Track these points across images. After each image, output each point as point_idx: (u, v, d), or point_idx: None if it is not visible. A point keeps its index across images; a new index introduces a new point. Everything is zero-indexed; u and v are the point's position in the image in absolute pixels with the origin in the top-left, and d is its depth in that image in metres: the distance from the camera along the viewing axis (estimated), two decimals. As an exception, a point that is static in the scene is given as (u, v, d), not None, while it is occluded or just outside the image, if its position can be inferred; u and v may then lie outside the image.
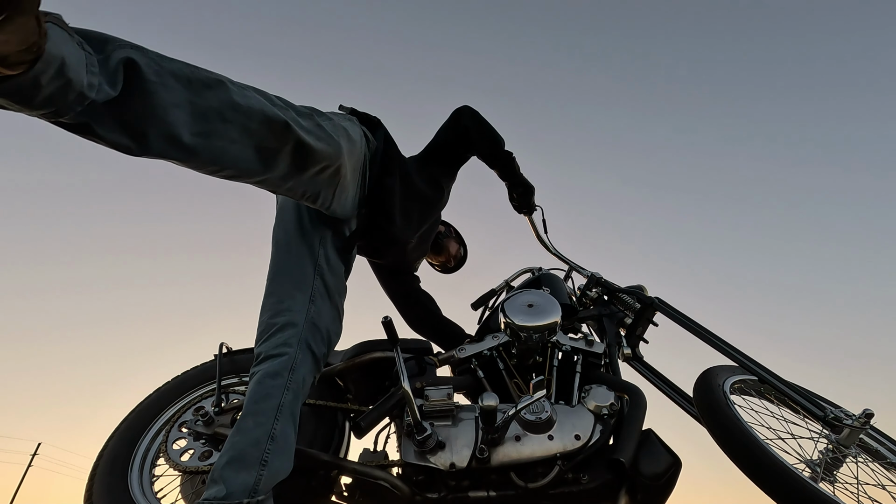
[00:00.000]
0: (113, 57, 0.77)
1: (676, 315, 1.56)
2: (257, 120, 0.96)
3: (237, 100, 0.93)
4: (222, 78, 0.94)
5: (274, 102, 1.01)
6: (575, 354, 1.44)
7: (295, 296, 1.22)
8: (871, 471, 1.24)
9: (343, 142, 1.18)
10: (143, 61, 0.81)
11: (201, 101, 0.88)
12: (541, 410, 1.19)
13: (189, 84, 0.87)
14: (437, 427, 1.21)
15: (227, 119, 0.92)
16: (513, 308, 1.45)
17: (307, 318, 1.20)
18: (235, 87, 0.95)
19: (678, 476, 1.11)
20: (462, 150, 1.66)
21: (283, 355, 1.13)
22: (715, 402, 1.22)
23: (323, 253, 1.27)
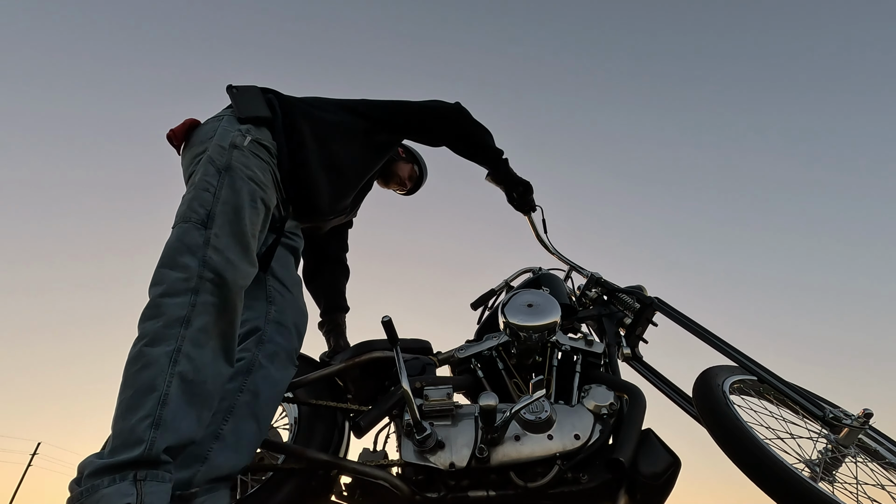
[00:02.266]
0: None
1: (676, 315, 1.56)
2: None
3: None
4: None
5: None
6: (574, 354, 1.44)
7: (253, 304, 1.29)
8: (871, 471, 1.24)
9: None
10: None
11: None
12: (540, 410, 1.19)
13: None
14: (437, 427, 1.21)
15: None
16: (512, 308, 1.46)
17: (268, 320, 1.27)
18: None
19: (678, 476, 1.11)
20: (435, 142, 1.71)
21: (240, 360, 1.20)
22: (714, 402, 1.22)
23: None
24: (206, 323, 1.05)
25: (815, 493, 0.99)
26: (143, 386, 0.97)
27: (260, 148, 1.31)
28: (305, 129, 1.42)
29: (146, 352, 1.00)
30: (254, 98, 1.40)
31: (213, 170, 1.22)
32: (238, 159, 1.25)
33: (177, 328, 1.03)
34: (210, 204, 1.17)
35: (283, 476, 1.25)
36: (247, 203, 1.21)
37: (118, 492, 0.87)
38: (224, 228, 1.15)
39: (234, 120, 1.34)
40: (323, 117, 1.50)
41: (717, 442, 1.16)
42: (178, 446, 0.97)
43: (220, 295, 1.09)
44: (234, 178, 1.22)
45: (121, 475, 0.89)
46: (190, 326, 1.04)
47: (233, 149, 1.26)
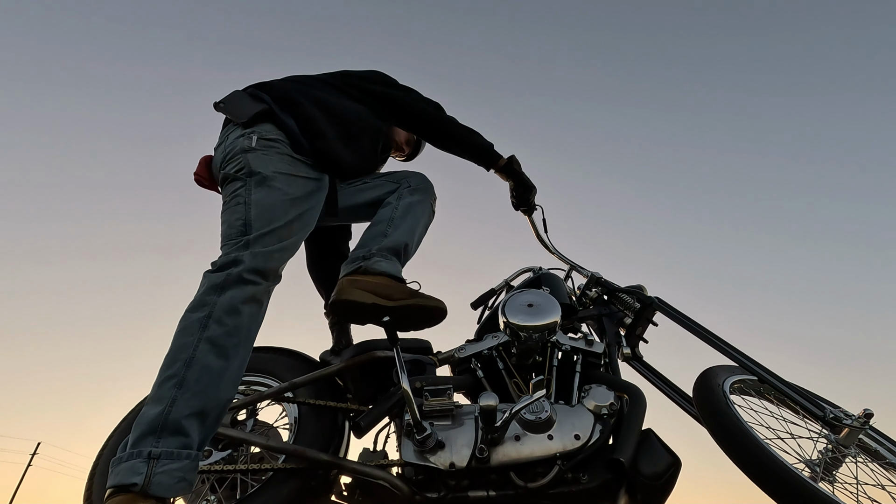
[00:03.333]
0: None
1: (676, 315, 1.56)
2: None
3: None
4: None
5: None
6: (574, 354, 1.44)
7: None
8: (871, 471, 1.24)
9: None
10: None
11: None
12: (540, 410, 1.19)
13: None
14: (437, 427, 1.21)
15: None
16: (512, 308, 1.45)
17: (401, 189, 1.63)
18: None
19: (678, 476, 1.11)
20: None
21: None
22: (715, 402, 1.22)
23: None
24: (242, 294, 1.14)
25: (815, 493, 0.99)
26: (177, 347, 1.07)
27: (269, 143, 1.36)
28: (305, 102, 1.47)
29: (188, 316, 1.11)
30: (241, 100, 1.44)
31: (238, 182, 1.31)
32: (254, 161, 1.31)
33: (212, 295, 1.12)
34: (243, 213, 1.26)
35: (284, 476, 1.24)
36: (279, 197, 1.30)
37: (131, 469, 0.92)
38: (262, 228, 1.24)
39: (235, 129, 1.39)
40: (317, 92, 1.54)
41: (717, 442, 1.16)
42: (205, 408, 1.02)
43: (257, 269, 1.18)
44: (259, 180, 1.30)
45: (138, 451, 0.94)
46: (223, 293, 1.12)
47: (245, 153, 1.32)
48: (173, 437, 0.97)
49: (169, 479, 0.93)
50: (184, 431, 0.98)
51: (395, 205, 1.52)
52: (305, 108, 1.45)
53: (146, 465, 0.92)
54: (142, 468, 0.92)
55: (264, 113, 1.40)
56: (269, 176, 1.30)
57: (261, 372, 1.54)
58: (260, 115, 1.39)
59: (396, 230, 1.45)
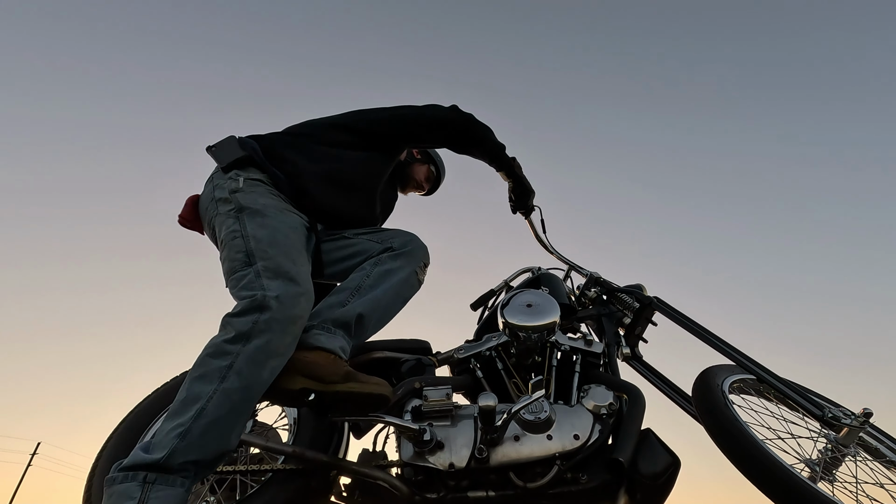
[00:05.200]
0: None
1: (675, 314, 1.56)
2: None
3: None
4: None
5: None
6: (574, 354, 1.44)
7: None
8: (871, 469, 1.24)
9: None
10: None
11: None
12: (539, 410, 1.19)
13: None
14: (436, 427, 1.21)
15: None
16: (511, 308, 1.45)
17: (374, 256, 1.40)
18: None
19: (677, 475, 1.11)
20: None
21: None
22: (713, 401, 1.22)
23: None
24: (267, 341, 1.07)
25: (813, 493, 0.99)
26: (191, 395, 1.02)
27: (256, 182, 1.36)
28: (293, 156, 1.44)
29: (207, 362, 1.06)
30: (229, 146, 1.44)
31: (230, 220, 1.28)
32: (244, 199, 1.30)
33: (238, 344, 1.07)
34: (243, 245, 1.23)
35: (283, 477, 1.24)
36: (278, 227, 1.27)
37: (125, 492, 0.91)
38: (266, 255, 1.20)
39: (220, 172, 1.40)
40: (310, 142, 1.50)
41: (714, 441, 1.16)
42: (201, 461, 0.99)
43: (283, 312, 1.11)
44: (251, 213, 1.28)
45: (133, 474, 0.93)
46: (249, 343, 1.06)
47: (234, 193, 1.32)
48: (169, 475, 0.96)
49: (169, 502, 0.93)
50: (179, 472, 0.97)
51: (367, 271, 1.33)
52: (291, 165, 1.42)
53: (140, 489, 0.92)
54: (135, 492, 0.91)
55: (247, 159, 1.40)
56: (260, 209, 1.29)
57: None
58: (242, 160, 1.39)
59: (358, 300, 1.26)
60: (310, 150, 1.48)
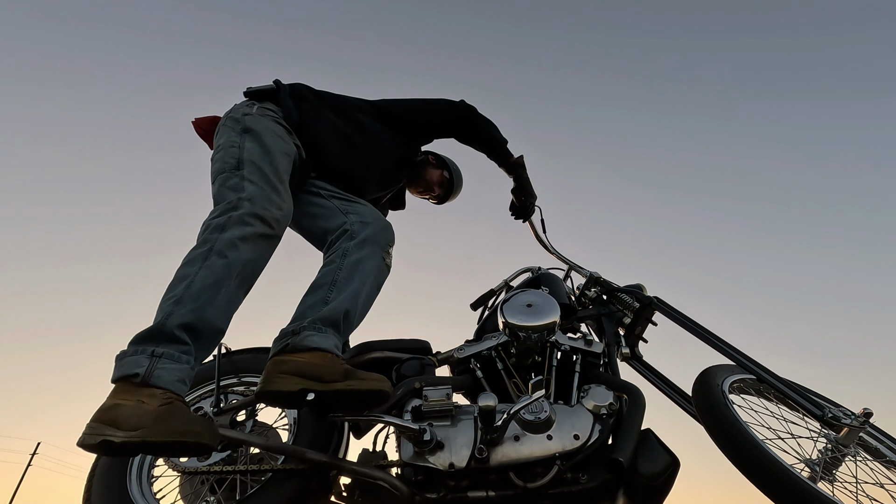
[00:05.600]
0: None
1: (675, 315, 1.56)
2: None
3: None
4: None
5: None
6: (574, 354, 1.43)
7: (330, 216, 1.50)
8: (870, 469, 1.24)
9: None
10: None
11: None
12: (539, 410, 1.19)
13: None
14: (436, 427, 1.21)
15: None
16: (511, 308, 1.45)
17: (351, 222, 1.46)
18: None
19: (676, 476, 1.11)
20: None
21: (333, 252, 1.42)
22: (713, 401, 1.22)
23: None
24: (242, 233, 1.21)
25: (812, 493, 0.99)
26: (180, 275, 1.15)
27: (268, 111, 1.50)
28: (317, 102, 1.59)
29: (191, 253, 1.19)
30: (264, 86, 1.59)
31: (233, 133, 1.42)
32: (251, 121, 1.44)
33: (215, 234, 1.20)
34: (237, 154, 1.36)
35: (283, 477, 1.24)
36: (271, 148, 1.39)
37: (135, 362, 1.01)
38: (254, 168, 1.33)
39: (240, 103, 1.54)
40: (336, 101, 1.65)
41: (714, 440, 1.16)
42: (195, 328, 1.08)
43: (256, 214, 1.24)
44: (254, 134, 1.41)
45: (142, 348, 1.03)
46: (224, 232, 1.20)
47: (245, 116, 1.45)
48: (172, 343, 1.05)
49: (168, 375, 1.01)
50: (180, 339, 1.06)
51: (338, 264, 1.34)
52: (308, 103, 1.57)
53: (149, 360, 1.01)
54: (144, 362, 1.01)
55: (269, 92, 1.56)
56: (262, 132, 1.41)
57: (260, 372, 1.54)
58: (263, 92, 1.55)
59: (339, 295, 1.28)
60: (332, 105, 1.63)
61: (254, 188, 1.28)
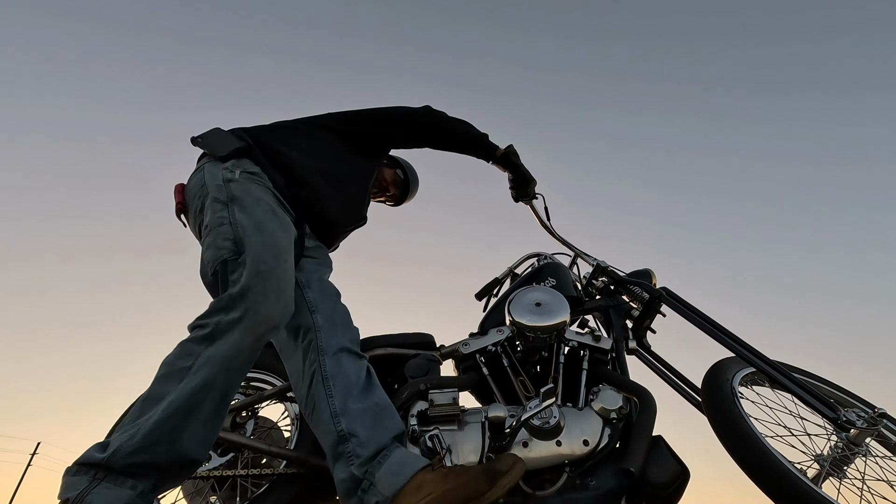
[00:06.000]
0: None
1: (682, 308, 1.51)
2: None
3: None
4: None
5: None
6: (581, 350, 1.40)
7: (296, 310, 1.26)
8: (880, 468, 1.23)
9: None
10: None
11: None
12: (548, 416, 1.16)
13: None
14: (443, 432, 1.18)
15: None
16: (519, 306, 1.40)
17: (317, 328, 1.23)
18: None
19: (685, 486, 1.09)
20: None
21: (314, 374, 1.19)
22: (719, 395, 1.20)
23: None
24: (231, 343, 1.03)
25: (810, 493, 0.98)
26: (153, 395, 1.00)
27: (252, 176, 1.30)
28: (285, 149, 1.41)
29: (172, 362, 1.04)
30: (222, 137, 1.38)
31: (219, 206, 1.22)
32: (237, 189, 1.25)
33: (201, 345, 1.03)
34: (231, 233, 1.17)
35: (287, 480, 1.23)
36: (265, 216, 1.21)
37: (72, 484, 0.90)
38: (254, 245, 1.14)
39: (215, 162, 1.33)
40: (297, 137, 1.47)
41: (716, 435, 1.15)
42: (154, 465, 0.94)
43: (255, 322, 1.05)
44: (242, 203, 1.22)
45: (86, 469, 0.92)
46: (211, 345, 1.03)
47: (228, 183, 1.26)
48: (119, 475, 0.92)
49: (100, 501, 0.88)
50: (127, 474, 0.93)
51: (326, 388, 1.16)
52: (285, 157, 1.39)
53: (87, 483, 0.90)
54: (80, 485, 0.90)
55: (245, 149, 1.35)
56: (251, 201, 1.23)
57: (263, 369, 1.51)
58: (240, 150, 1.34)
59: (351, 422, 1.10)
60: (298, 144, 1.45)
61: (249, 273, 1.09)
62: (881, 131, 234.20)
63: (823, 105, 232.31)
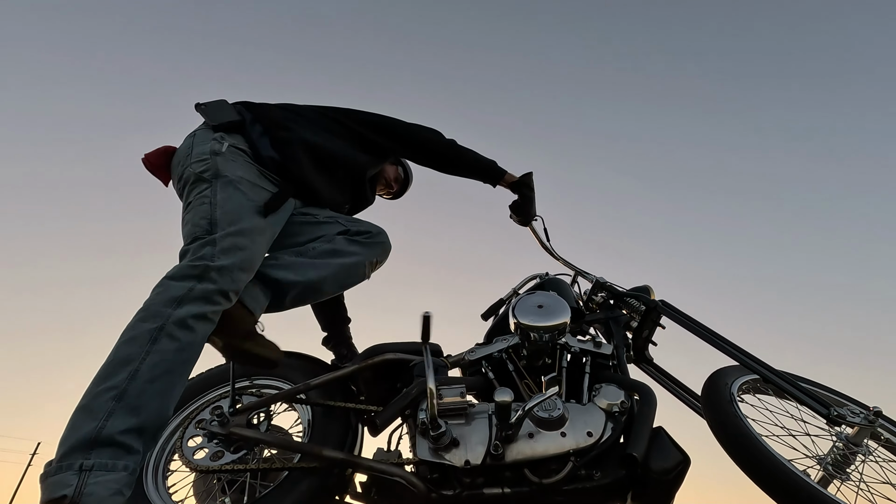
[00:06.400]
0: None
1: (681, 318, 1.57)
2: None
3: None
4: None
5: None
6: (583, 356, 1.45)
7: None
8: (880, 467, 1.25)
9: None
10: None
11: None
12: (553, 408, 1.21)
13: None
14: (451, 425, 1.22)
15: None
16: (522, 309, 1.47)
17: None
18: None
19: (686, 473, 1.13)
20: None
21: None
22: (717, 399, 1.25)
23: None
24: (200, 311, 1.08)
25: (807, 489, 1.01)
26: (121, 357, 0.99)
27: (238, 152, 1.39)
28: (288, 123, 1.51)
29: (137, 325, 1.04)
30: (223, 108, 1.48)
31: (203, 184, 1.30)
32: (222, 165, 1.32)
33: (169, 308, 1.06)
34: (209, 213, 1.24)
35: (299, 476, 1.25)
36: (243, 200, 1.29)
37: (60, 482, 0.85)
38: (228, 229, 1.22)
39: (206, 131, 1.42)
40: (303, 119, 1.57)
41: (715, 436, 1.18)
42: (143, 429, 0.93)
43: (222, 291, 1.13)
44: (225, 182, 1.30)
45: (68, 463, 0.87)
46: (180, 307, 1.06)
47: (214, 156, 1.34)
48: (108, 450, 0.89)
49: (103, 490, 0.86)
50: (123, 445, 0.90)
51: (314, 246, 1.43)
52: (285, 136, 1.48)
53: (77, 477, 0.86)
54: (72, 480, 0.85)
55: (237, 124, 1.44)
56: (235, 180, 1.31)
57: (273, 376, 1.55)
58: (233, 124, 1.44)
59: (288, 266, 1.35)
60: (303, 124, 1.54)
61: (226, 258, 1.17)
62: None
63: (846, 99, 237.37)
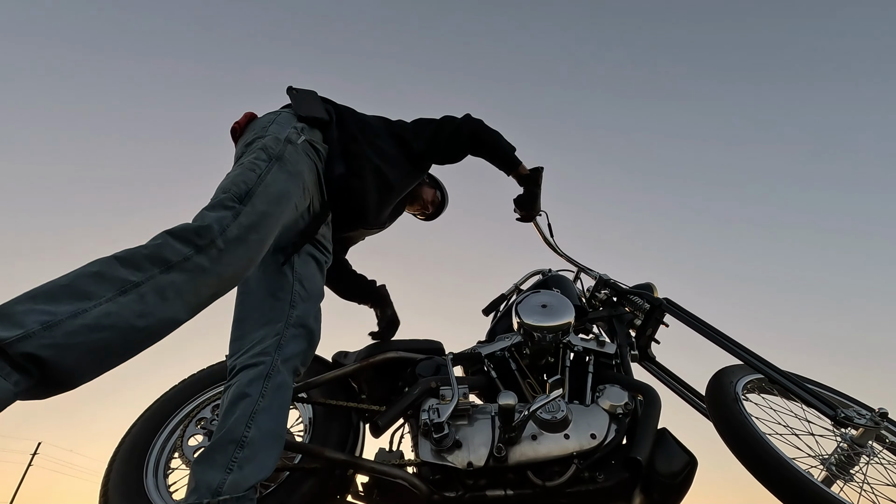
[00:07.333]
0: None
1: (685, 316, 1.56)
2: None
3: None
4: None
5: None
6: (587, 355, 1.44)
7: (276, 305, 1.27)
8: (884, 468, 1.24)
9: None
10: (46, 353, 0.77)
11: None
12: (556, 410, 1.20)
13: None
14: (454, 426, 1.22)
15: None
16: (526, 308, 1.46)
17: (289, 323, 1.24)
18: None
19: (694, 475, 1.12)
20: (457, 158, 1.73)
21: (260, 363, 1.17)
22: (722, 398, 1.23)
23: (298, 259, 1.35)
24: (184, 281, 0.95)
25: (811, 486, 1.00)
26: (77, 288, 0.84)
27: (311, 149, 1.34)
28: (362, 141, 1.47)
29: (112, 264, 0.89)
30: (313, 101, 1.44)
31: (264, 155, 1.22)
32: (290, 153, 1.26)
33: (156, 268, 0.92)
34: (252, 183, 1.14)
35: (300, 476, 1.24)
36: (288, 195, 1.21)
37: None
38: (257, 208, 1.11)
39: (291, 117, 1.37)
40: (375, 136, 1.54)
41: (720, 435, 1.17)
42: (48, 366, 0.78)
43: (216, 272, 1.00)
44: (283, 168, 1.22)
45: None
46: (169, 273, 0.93)
47: (287, 143, 1.27)
48: (5, 365, 0.75)
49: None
50: (18, 366, 0.76)
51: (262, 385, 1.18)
52: (357, 145, 1.45)
53: None
54: None
55: (322, 122, 1.40)
56: (294, 172, 1.25)
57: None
58: (318, 120, 1.39)
59: (255, 438, 1.11)
60: (371, 139, 1.51)
61: (239, 234, 1.05)
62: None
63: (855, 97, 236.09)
